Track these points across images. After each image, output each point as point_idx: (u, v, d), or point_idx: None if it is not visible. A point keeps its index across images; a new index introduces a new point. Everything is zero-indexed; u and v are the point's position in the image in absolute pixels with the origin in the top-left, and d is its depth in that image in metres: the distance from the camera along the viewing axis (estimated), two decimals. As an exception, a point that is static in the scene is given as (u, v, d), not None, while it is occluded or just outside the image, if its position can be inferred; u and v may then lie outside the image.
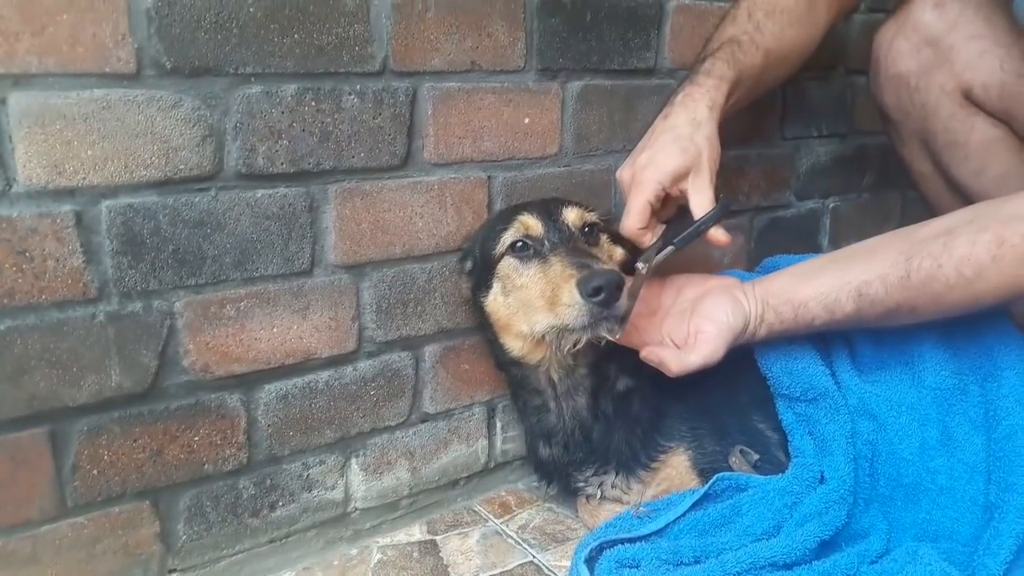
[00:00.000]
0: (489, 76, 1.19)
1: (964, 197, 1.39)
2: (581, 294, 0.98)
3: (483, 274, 1.15)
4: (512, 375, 1.23)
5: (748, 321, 1.08)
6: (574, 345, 1.05)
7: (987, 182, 1.37)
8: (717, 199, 1.15)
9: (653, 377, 1.16)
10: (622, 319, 1.02)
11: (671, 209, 1.20)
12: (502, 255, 1.12)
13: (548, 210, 1.14)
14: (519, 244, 1.11)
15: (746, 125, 1.57)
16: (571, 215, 1.13)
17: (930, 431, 1.13)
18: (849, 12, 1.45)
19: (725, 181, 1.54)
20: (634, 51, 1.35)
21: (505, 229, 1.12)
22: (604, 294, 0.98)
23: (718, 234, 1.14)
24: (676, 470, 1.17)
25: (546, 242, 1.10)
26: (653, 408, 1.19)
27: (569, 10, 1.25)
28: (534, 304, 1.06)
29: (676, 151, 1.13)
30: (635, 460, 1.18)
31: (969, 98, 1.36)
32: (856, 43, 1.69)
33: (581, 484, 1.21)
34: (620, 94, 1.34)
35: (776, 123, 1.63)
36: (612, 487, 1.19)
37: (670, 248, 1.11)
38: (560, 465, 1.21)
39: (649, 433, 1.18)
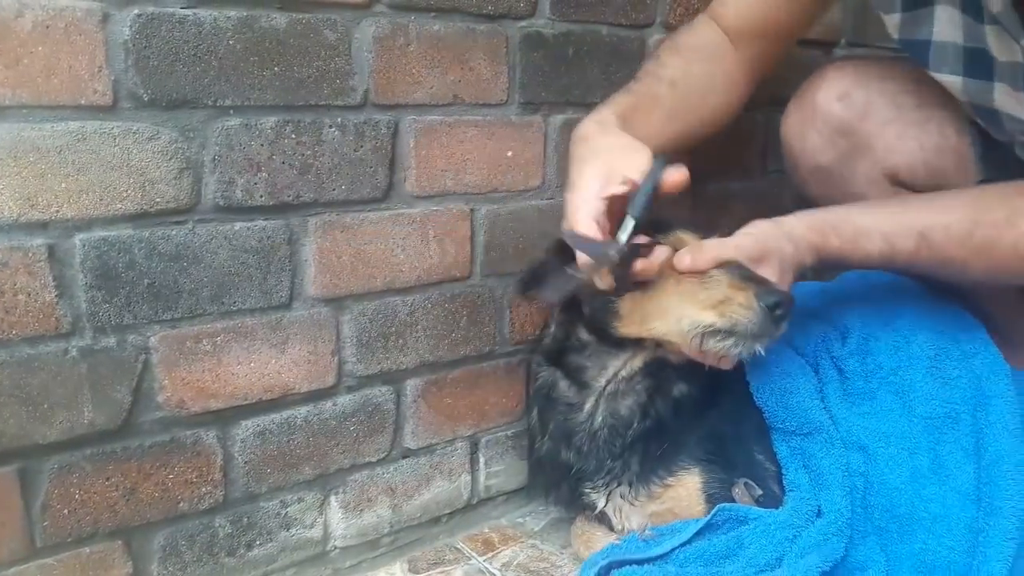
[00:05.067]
0: (472, 109, 1.19)
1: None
2: None
3: None
4: (569, 362, 1.19)
5: (783, 232, 1.11)
6: None
7: None
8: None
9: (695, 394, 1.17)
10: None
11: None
12: None
13: None
14: None
15: (728, 159, 1.58)
16: None
17: (921, 460, 1.13)
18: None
19: (708, 215, 1.55)
20: (616, 85, 1.34)
21: None
22: None
23: (671, 179, 1.03)
24: (687, 490, 1.16)
25: None
26: (686, 424, 1.18)
27: (551, 44, 1.25)
28: None
29: (588, 165, 1.04)
30: (652, 471, 1.16)
31: (897, 182, 1.34)
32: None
33: (588, 490, 1.19)
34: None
35: (758, 156, 1.64)
36: (620, 496, 1.17)
37: (630, 221, 1.01)
38: (574, 470, 1.19)
39: (672, 449, 1.17)
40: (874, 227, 1.11)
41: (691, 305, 1.06)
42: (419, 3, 1.11)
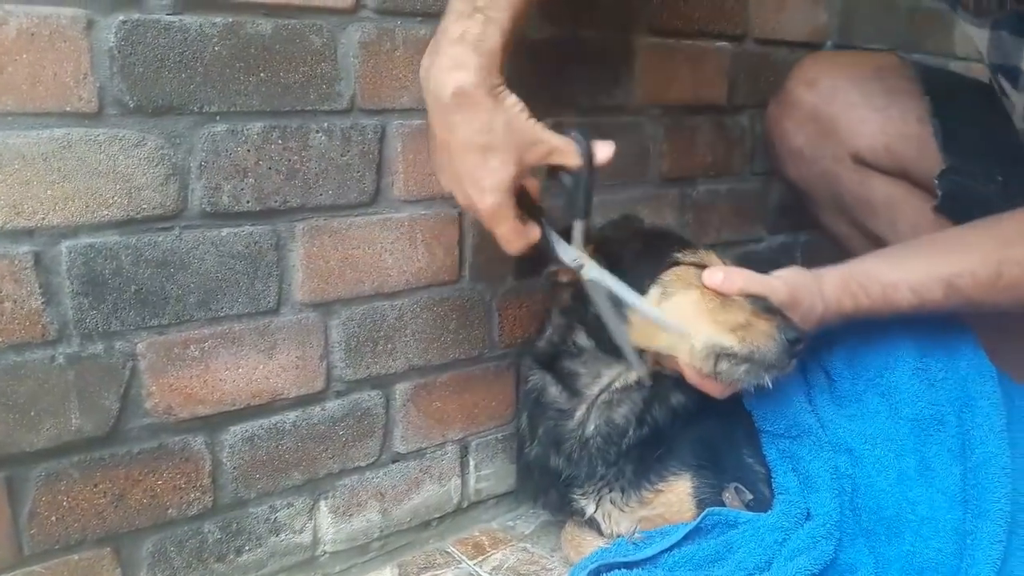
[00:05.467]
0: (459, 113, 1.19)
1: None
2: None
3: None
4: (562, 368, 1.18)
5: (819, 289, 1.10)
6: None
7: (902, 234, 1.41)
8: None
9: (691, 405, 1.17)
10: None
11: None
12: None
13: None
14: None
15: (717, 160, 1.58)
16: None
17: (907, 462, 1.14)
18: None
19: (696, 216, 1.56)
20: (603, 89, 1.36)
21: None
22: None
23: (602, 154, 1.03)
24: (677, 496, 1.15)
25: None
26: (679, 431, 1.18)
27: (538, 48, 1.25)
28: None
29: (496, 166, 0.94)
30: (644, 477, 1.16)
31: (861, 162, 1.41)
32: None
33: (578, 496, 1.19)
34: (590, 131, 1.34)
35: (746, 158, 1.64)
36: (610, 503, 1.17)
37: (579, 224, 1.03)
38: (564, 476, 1.19)
39: (664, 455, 1.17)
40: (901, 281, 1.11)
41: (710, 324, 1.04)
42: (405, 7, 1.11)
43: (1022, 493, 1.11)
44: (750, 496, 1.15)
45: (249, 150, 1.01)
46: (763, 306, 1.05)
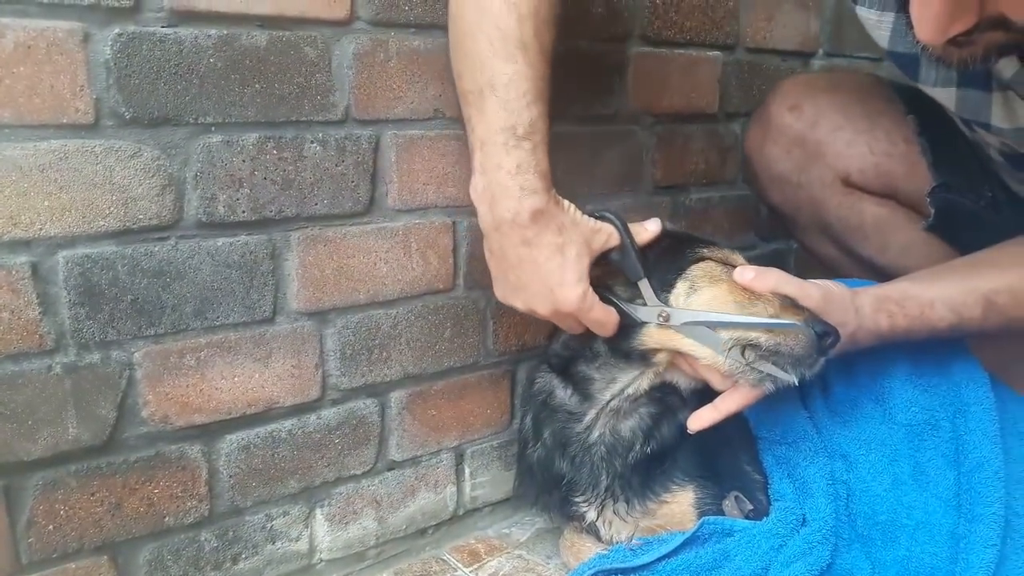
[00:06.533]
0: (453, 123, 1.19)
1: (875, 273, 1.42)
2: None
3: None
4: (577, 371, 1.17)
5: (854, 304, 1.09)
6: None
7: (892, 256, 1.41)
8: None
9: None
10: None
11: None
12: None
13: None
14: None
15: (710, 168, 1.59)
16: None
17: (902, 467, 1.15)
18: None
19: (690, 224, 1.57)
20: (597, 97, 1.37)
21: None
22: None
23: (651, 232, 1.11)
24: (680, 508, 1.16)
25: None
26: (682, 441, 1.17)
27: (531, 58, 1.26)
28: None
29: (574, 258, 1.03)
30: (649, 487, 1.16)
31: (850, 184, 1.40)
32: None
33: (579, 501, 1.19)
34: (584, 139, 1.36)
35: (738, 165, 1.65)
36: (613, 512, 1.17)
37: (645, 284, 1.07)
38: (566, 480, 1.18)
39: (669, 467, 1.17)
40: (938, 299, 1.10)
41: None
42: (398, 19, 1.12)
43: (1015, 497, 1.12)
44: (750, 507, 1.15)
45: (244, 160, 1.02)
46: (791, 303, 1.04)
